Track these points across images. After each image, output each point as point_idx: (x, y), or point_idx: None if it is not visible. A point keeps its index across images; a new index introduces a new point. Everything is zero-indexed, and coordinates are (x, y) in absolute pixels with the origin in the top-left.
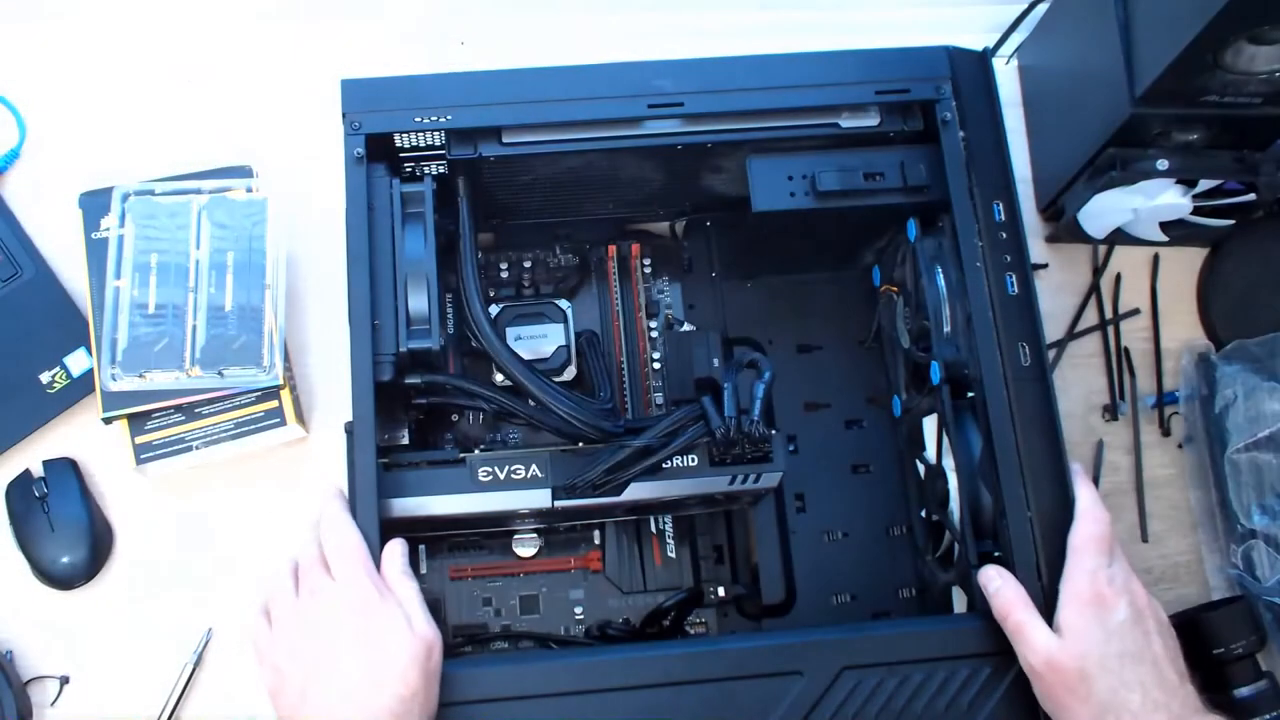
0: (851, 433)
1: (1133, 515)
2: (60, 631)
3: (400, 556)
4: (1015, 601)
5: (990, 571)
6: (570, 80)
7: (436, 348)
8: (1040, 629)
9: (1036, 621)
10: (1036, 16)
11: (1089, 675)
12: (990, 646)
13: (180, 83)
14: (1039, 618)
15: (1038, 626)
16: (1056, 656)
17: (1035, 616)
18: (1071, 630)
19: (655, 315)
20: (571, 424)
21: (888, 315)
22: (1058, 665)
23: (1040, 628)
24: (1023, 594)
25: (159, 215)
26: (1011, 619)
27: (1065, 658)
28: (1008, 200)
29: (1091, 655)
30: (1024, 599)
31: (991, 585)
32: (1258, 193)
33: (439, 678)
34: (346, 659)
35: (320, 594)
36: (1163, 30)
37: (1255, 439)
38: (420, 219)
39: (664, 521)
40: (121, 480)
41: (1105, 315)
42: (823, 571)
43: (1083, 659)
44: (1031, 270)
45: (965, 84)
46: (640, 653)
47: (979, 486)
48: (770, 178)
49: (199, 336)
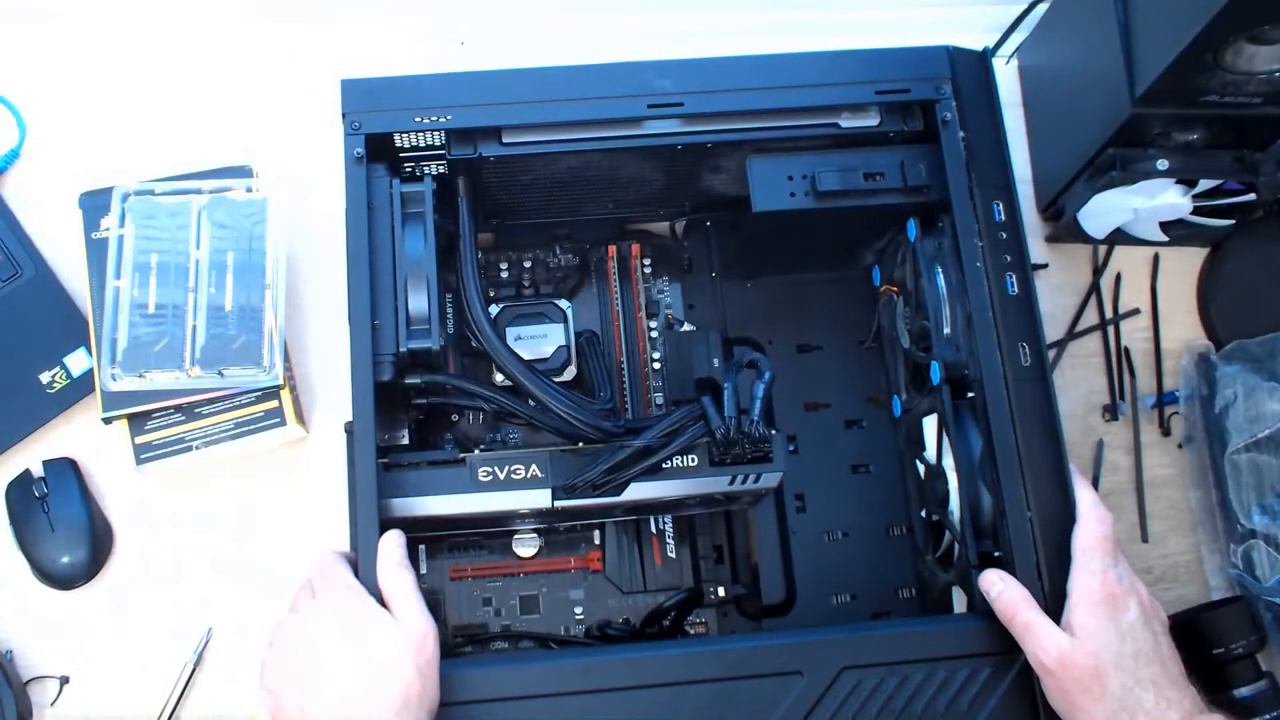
0: (851, 433)
1: (1133, 515)
2: (60, 631)
3: (396, 548)
4: (1020, 601)
5: (991, 575)
6: (570, 80)
7: (436, 348)
8: (1050, 628)
9: (1045, 621)
10: (1036, 16)
11: (1104, 674)
12: (990, 646)
13: (180, 83)
14: (1046, 617)
15: (1047, 625)
16: (1071, 655)
17: (1043, 616)
18: (1085, 629)
19: (655, 315)
20: (571, 424)
21: (888, 315)
22: (1072, 664)
23: (1050, 627)
24: (1026, 594)
25: (159, 215)
26: (1019, 619)
27: (1080, 656)
28: (1008, 200)
29: (1106, 654)
30: (1028, 599)
31: (994, 589)
32: (1258, 193)
33: (437, 666)
34: (335, 667)
35: (303, 612)
36: (1163, 30)
37: (1255, 439)
38: (420, 219)
39: (664, 521)
40: (121, 480)
41: (1105, 315)
42: (823, 571)
43: (1097, 658)
44: (1031, 270)
45: (965, 84)
46: (640, 653)
47: (979, 486)
48: (770, 178)
49: (199, 336)
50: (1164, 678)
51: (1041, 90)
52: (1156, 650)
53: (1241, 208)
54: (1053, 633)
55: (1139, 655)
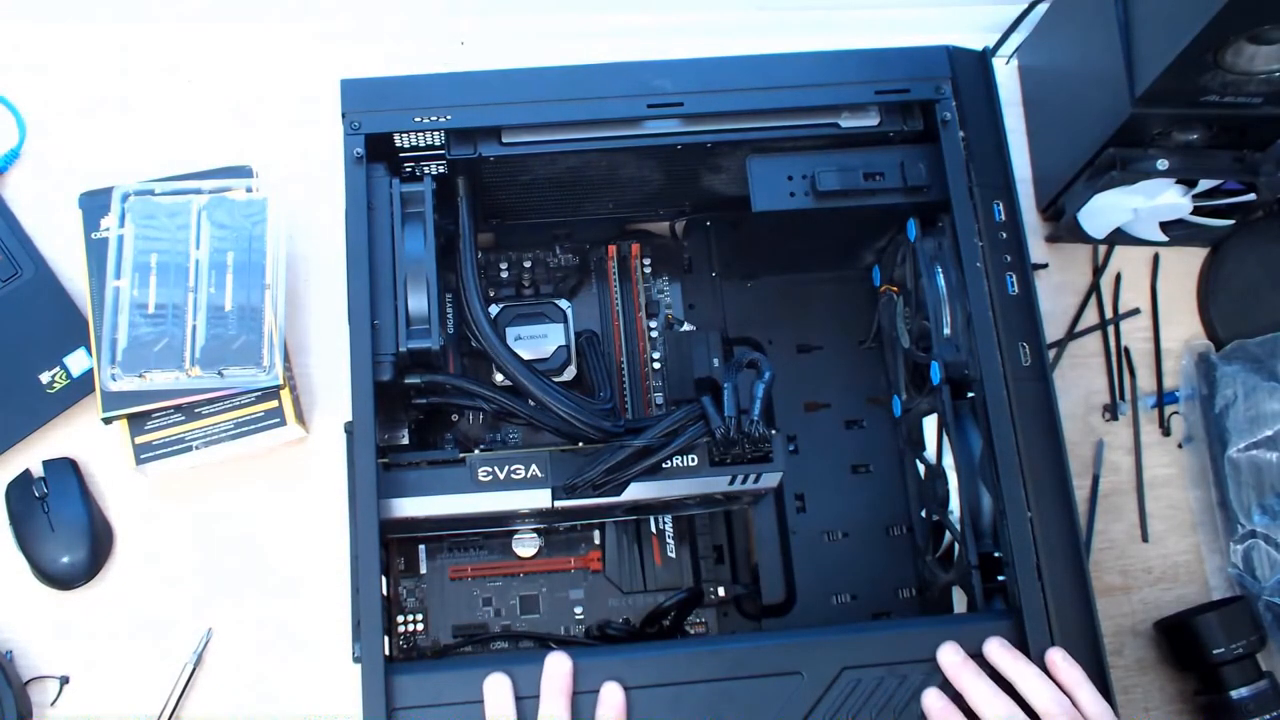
0: (851, 433)
1: (1133, 515)
2: (60, 631)
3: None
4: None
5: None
6: (570, 80)
7: (436, 348)
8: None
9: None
10: (1036, 16)
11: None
12: None
13: (180, 83)
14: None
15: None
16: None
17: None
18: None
19: (655, 315)
20: (571, 424)
21: (888, 315)
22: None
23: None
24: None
25: (159, 215)
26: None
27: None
28: (1008, 200)
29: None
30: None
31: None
32: (1258, 193)
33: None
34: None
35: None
36: (1163, 30)
37: (1255, 439)
38: (420, 219)
39: (664, 521)
40: (121, 480)
41: (1105, 315)
42: (823, 571)
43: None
44: (1031, 270)
45: (965, 84)
46: (640, 653)
47: (979, 486)
48: (770, 178)
49: (199, 336)
50: None
51: (1041, 90)
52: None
53: (1241, 208)
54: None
55: None
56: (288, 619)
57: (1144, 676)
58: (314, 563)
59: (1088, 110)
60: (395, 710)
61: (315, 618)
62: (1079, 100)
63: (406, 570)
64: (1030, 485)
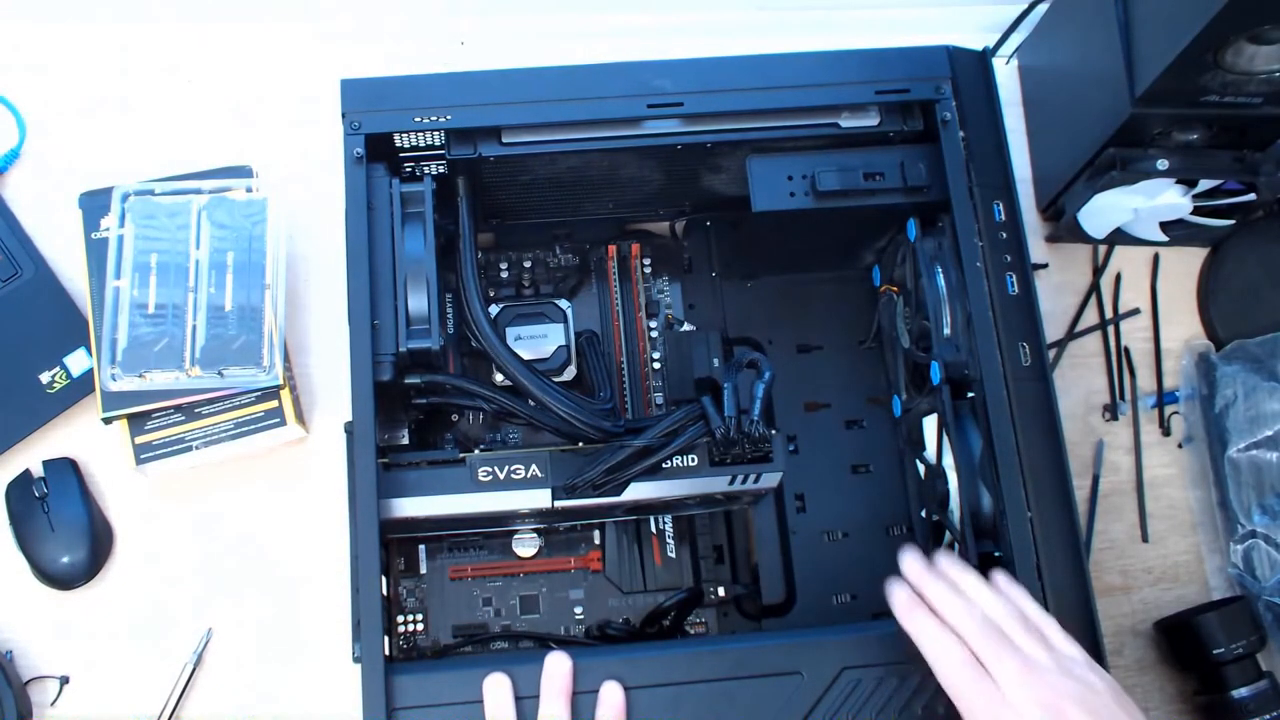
0: (851, 433)
1: (1133, 515)
2: (60, 631)
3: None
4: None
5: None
6: (570, 80)
7: (436, 348)
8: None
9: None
10: (1036, 16)
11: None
12: None
13: (180, 83)
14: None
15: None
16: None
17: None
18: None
19: (655, 315)
20: (571, 424)
21: (888, 315)
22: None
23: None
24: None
25: (159, 215)
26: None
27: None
28: (1008, 200)
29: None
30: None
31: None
32: (1258, 193)
33: None
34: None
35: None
36: (1163, 30)
37: (1255, 439)
38: (420, 219)
39: (664, 521)
40: (121, 480)
41: (1105, 315)
42: (823, 571)
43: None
44: (1031, 270)
45: (965, 84)
46: (640, 653)
47: (979, 486)
48: (770, 178)
49: (199, 336)
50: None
51: (1041, 90)
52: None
53: (1241, 208)
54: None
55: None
56: (288, 619)
57: (1144, 676)
58: (314, 563)
59: (1088, 110)
60: (395, 710)
61: (315, 618)
62: (1079, 100)
63: (406, 570)
64: (1030, 485)
